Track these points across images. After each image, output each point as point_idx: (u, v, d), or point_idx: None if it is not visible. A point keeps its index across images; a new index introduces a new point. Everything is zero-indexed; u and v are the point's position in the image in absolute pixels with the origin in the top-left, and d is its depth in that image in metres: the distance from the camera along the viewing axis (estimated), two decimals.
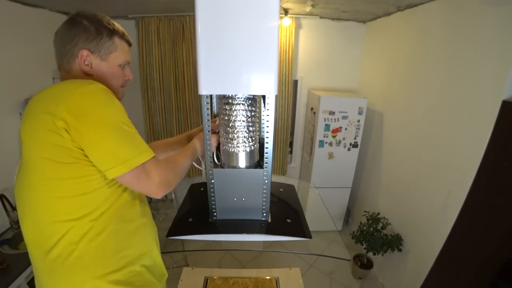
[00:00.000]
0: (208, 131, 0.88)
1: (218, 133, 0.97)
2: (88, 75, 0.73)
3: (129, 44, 0.81)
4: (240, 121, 0.89)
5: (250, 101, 0.89)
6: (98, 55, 0.73)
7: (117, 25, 0.77)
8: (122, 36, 0.77)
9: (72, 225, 0.65)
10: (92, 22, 0.71)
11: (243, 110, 0.88)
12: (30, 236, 0.68)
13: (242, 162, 0.94)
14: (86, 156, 0.62)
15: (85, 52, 0.71)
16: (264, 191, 0.95)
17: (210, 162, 0.92)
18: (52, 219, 0.64)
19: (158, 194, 0.69)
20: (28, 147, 0.63)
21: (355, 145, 2.58)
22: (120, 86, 0.81)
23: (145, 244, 0.81)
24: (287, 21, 2.49)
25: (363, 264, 2.29)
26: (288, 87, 2.72)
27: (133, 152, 0.64)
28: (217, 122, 1.00)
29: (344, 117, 2.47)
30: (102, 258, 0.69)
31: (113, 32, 0.75)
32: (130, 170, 0.64)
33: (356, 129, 2.52)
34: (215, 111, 1.07)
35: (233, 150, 0.91)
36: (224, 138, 0.93)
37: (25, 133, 0.64)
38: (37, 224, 0.66)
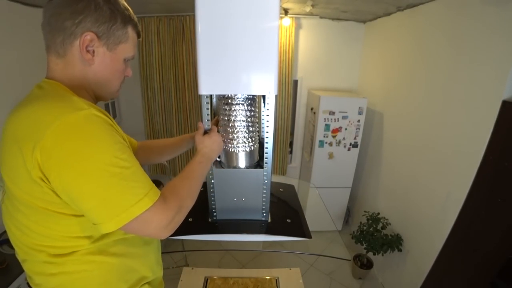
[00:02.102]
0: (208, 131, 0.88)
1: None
2: (84, 66, 0.60)
3: (139, 36, 0.70)
4: (239, 121, 0.89)
5: (249, 101, 0.89)
6: (105, 43, 0.60)
7: (132, 11, 0.65)
8: (135, 26, 0.66)
9: (71, 249, 0.56)
10: (107, 1, 0.58)
11: (242, 110, 0.88)
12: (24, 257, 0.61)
13: (242, 162, 0.94)
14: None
15: (89, 36, 0.56)
16: (264, 191, 0.95)
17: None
18: (47, 244, 0.56)
19: (163, 237, 0.58)
20: (9, 181, 0.54)
21: (355, 145, 2.58)
22: (118, 85, 0.69)
23: (149, 265, 0.73)
24: (287, 21, 2.49)
25: (363, 264, 2.29)
26: (288, 87, 2.72)
27: (130, 200, 0.51)
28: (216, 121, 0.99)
29: (344, 117, 2.46)
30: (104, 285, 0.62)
31: (128, 20, 0.63)
32: (126, 223, 0.51)
33: (356, 129, 2.52)
34: (215, 112, 1.07)
35: (233, 150, 0.91)
36: (224, 138, 0.93)
37: (3, 164, 0.54)
38: (32, 248, 0.57)
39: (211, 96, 0.87)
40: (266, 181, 0.93)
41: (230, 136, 0.90)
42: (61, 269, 0.57)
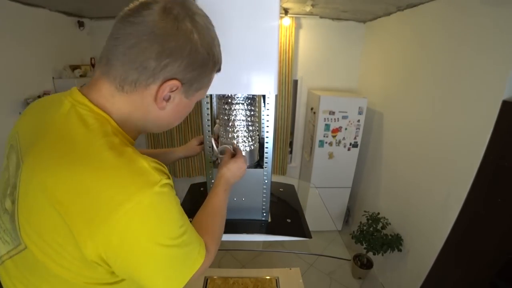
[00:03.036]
0: (208, 131, 0.88)
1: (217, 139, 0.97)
2: (149, 110, 0.49)
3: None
4: (239, 120, 0.89)
5: (249, 101, 0.89)
6: (185, 91, 0.49)
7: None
8: (220, 66, 0.55)
9: None
10: (204, 42, 0.47)
11: (242, 109, 0.88)
12: None
13: None
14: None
15: (173, 84, 0.46)
16: (264, 191, 0.95)
17: (210, 162, 0.92)
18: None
19: None
20: (37, 247, 0.42)
21: (355, 145, 2.58)
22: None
23: None
24: (287, 21, 2.49)
25: (363, 264, 2.29)
26: (288, 87, 2.72)
27: (189, 266, 0.50)
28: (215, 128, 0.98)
29: (344, 117, 2.46)
30: None
31: (218, 62, 0.53)
32: (184, 284, 0.48)
33: (356, 129, 2.52)
34: (215, 111, 1.07)
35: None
36: (224, 138, 0.93)
37: (32, 225, 0.42)
38: None
39: (211, 95, 0.87)
40: (266, 181, 0.93)
41: (230, 136, 0.90)
42: None
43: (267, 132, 0.86)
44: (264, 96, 0.87)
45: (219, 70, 0.55)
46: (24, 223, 0.43)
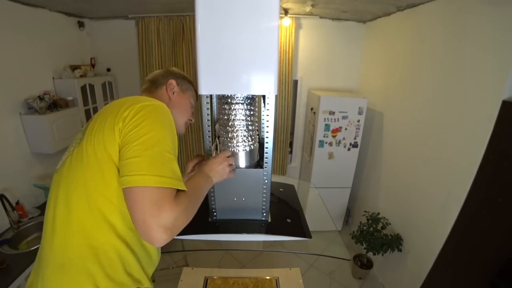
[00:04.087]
0: (208, 131, 0.88)
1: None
2: (167, 99, 0.87)
3: (196, 100, 0.96)
4: (239, 120, 0.89)
5: (249, 100, 0.89)
6: (180, 88, 0.90)
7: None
8: (195, 88, 0.94)
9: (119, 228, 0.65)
10: (181, 76, 0.94)
11: (242, 109, 0.88)
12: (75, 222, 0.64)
13: (242, 162, 0.94)
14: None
15: (174, 81, 0.88)
16: (264, 191, 0.95)
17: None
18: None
19: (157, 241, 0.56)
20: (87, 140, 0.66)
21: (355, 145, 2.58)
22: (184, 123, 0.91)
23: (147, 274, 0.76)
24: (287, 21, 2.49)
25: (363, 264, 2.29)
26: (288, 87, 2.72)
27: (164, 172, 0.59)
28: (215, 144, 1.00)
29: (344, 117, 2.47)
30: (113, 271, 0.66)
31: (190, 82, 0.96)
32: (148, 186, 0.56)
33: (356, 129, 2.52)
34: (215, 112, 1.07)
35: (233, 149, 0.92)
36: (224, 138, 0.93)
37: (91, 129, 0.67)
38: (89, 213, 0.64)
39: (211, 96, 0.87)
40: (266, 181, 0.93)
41: (229, 135, 0.90)
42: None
43: (267, 132, 0.86)
44: (264, 96, 0.87)
45: (197, 94, 0.92)
46: (88, 132, 0.67)
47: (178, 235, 0.63)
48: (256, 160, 0.98)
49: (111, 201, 0.63)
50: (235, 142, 0.91)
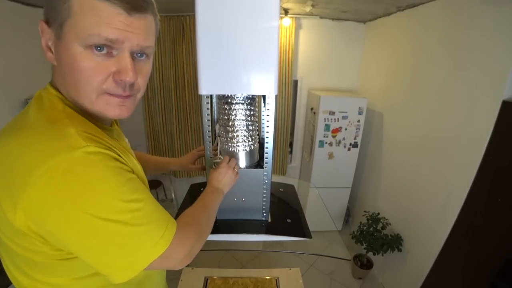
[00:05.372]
0: (208, 131, 0.88)
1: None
2: (58, 72, 0.48)
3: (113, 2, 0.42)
4: (239, 120, 0.89)
5: (249, 100, 0.89)
6: (54, 30, 0.44)
7: None
8: None
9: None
10: None
11: (242, 109, 0.88)
12: None
13: (242, 161, 0.94)
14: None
15: (40, 25, 0.45)
16: (264, 191, 0.95)
17: (210, 163, 0.92)
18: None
19: (181, 267, 0.52)
20: None
21: (355, 145, 2.58)
22: (102, 90, 0.46)
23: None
24: (287, 21, 2.49)
25: (363, 264, 2.29)
26: (288, 87, 2.72)
27: (146, 248, 0.44)
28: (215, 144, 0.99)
29: (344, 117, 2.46)
30: None
31: None
32: (141, 270, 0.45)
33: (356, 129, 2.52)
34: (215, 112, 1.07)
35: (233, 149, 0.91)
36: (224, 138, 0.93)
37: None
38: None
39: (211, 96, 0.87)
40: (266, 181, 0.93)
41: (229, 135, 0.90)
42: None
43: (267, 132, 0.86)
44: (264, 96, 0.87)
45: None
46: None
47: None
48: (256, 160, 0.98)
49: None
50: (235, 142, 0.91)
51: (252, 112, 0.91)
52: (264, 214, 1.01)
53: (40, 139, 0.39)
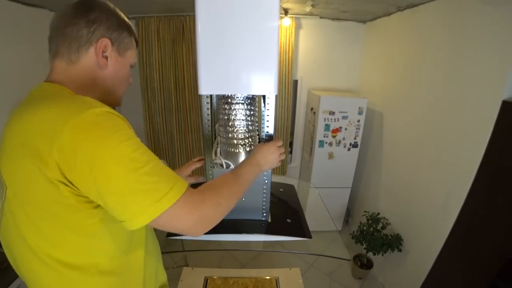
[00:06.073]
0: (208, 131, 0.88)
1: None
2: (96, 73, 0.62)
3: (137, 45, 0.73)
4: (239, 120, 0.89)
5: (249, 100, 0.89)
6: (117, 49, 0.63)
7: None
8: (135, 36, 0.70)
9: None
10: (112, 13, 0.63)
11: (242, 109, 0.88)
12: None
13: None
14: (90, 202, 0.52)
15: (105, 41, 0.60)
16: (264, 191, 0.95)
17: (210, 162, 0.92)
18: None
19: (197, 234, 0.55)
20: (15, 197, 0.52)
21: (355, 145, 2.58)
22: (123, 93, 0.71)
23: (150, 272, 0.72)
24: (287, 21, 2.49)
25: (363, 264, 2.29)
26: (288, 87, 2.72)
27: (155, 196, 0.49)
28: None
29: (344, 117, 2.47)
30: None
31: (131, 30, 0.67)
32: (154, 219, 0.49)
33: (356, 129, 2.52)
34: (215, 112, 1.07)
35: (233, 149, 0.92)
36: (224, 138, 0.93)
37: (9, 179, 0.53)
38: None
39: (211, 96, 0.87)
40: (266, 181, 0.94)
41: (229, 135, 0.90)
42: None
43: (267, 132, 0.86)
44: (264, 96, 0.87)
45: (137, 42, 0.71)
46: (7, 171, 0.53)
47: (178, 235, 0.63)
48: None
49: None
50: (235, 142, 0.91)
51: (252, 112, 0.91)
52: (264, 214, 1.01)
53: (64, 104, 0.51)
